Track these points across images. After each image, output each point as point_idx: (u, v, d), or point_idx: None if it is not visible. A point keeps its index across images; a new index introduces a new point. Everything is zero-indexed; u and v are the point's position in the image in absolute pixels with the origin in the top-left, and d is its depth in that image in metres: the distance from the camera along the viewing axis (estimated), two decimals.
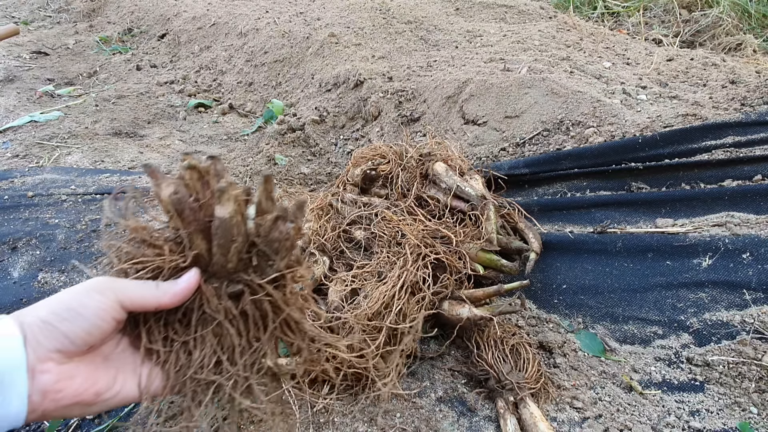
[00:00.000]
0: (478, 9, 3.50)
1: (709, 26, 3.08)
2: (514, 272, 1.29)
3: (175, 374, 0.56)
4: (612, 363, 1.16)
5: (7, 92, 2.96)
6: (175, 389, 0.57)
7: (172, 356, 0.57)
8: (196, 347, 0.57)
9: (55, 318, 0.51)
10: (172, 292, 0.55)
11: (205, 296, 0.57)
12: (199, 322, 0.57)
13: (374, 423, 1.01)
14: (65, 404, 0.51)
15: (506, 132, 1.79)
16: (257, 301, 0.59)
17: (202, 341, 0.57)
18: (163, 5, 4.18)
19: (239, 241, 0.57)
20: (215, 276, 0.58)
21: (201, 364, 0.56)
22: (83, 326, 0.51)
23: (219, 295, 0.58)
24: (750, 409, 1.02)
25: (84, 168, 2.09)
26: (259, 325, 0.60)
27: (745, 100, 1.63)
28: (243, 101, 2.92)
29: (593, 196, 1.51)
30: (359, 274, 1.19)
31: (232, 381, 0.57)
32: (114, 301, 0.53)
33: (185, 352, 0.57)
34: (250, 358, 0.59)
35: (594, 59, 2.35)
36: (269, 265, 0.59)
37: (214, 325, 0.57)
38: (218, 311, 0.57)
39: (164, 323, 0.57)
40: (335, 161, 2.22)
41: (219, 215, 0.55)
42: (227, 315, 0.58)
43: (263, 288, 0.59)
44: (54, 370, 0.50)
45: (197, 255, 0.57)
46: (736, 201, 1.34)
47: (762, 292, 1.16)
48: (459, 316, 1.13)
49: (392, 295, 1.09)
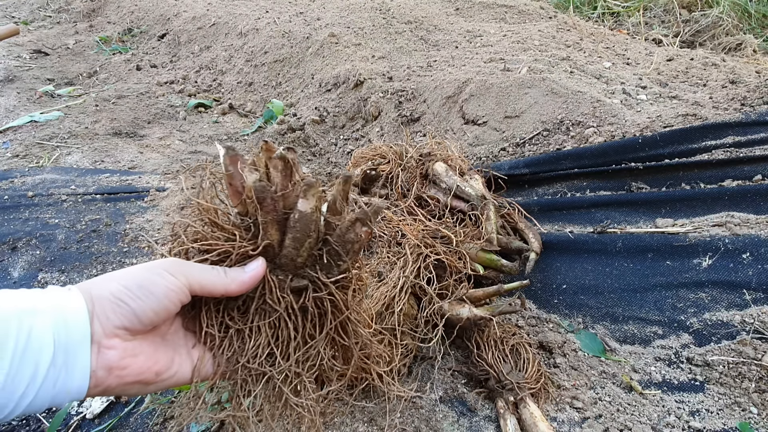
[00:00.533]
0: (478, 9, 3.50)
1: (709, 26, 3.08)
2: (514, 272, 1.29)
3: (227, 361, 0.56)
4: (612, 363, 1.16)
5: (7, 92, 2.96)
6: (226, 375, 0.57)
7: (226, 342, 0.56)
8: (251, 336, 0.56)
9: (127, 294, 0.50)
10: (240, 280, 0.55)
11: (268, 287, 0.57)
12: (257, 311, 0.57)
13: (374, 423, 1.01)
14: (128, 381, 0.51)
15: (506, 132, 1.79)
16: (319, 299, 0.59)
17: (257, 331, 0.57)
18: (163, 5, 4.18)
19: (314, 236, 0.57)
20: (281, 268, 0.58)
21: (254, 354, 0.56)
22: (153, 305, 0.51)
23: (282, 287, 0.57)
24: (750, 409, 1.02)
25: (84, 168, 2.09)
26: (316, 323, 0.60)
27: (745, 100, 1.63)
28: (243, 101, 2.92)
29: (593, 196, 1.51)
30: None
31: (284, 375, 0.57)
32: (184, 284, 0.52)
33: (240, 340, 0.56)
34: (303, 355, 0.59)
35: (594, 59, 2.35)
36: (338, 264, 0.59)
37: (273, 318, 0.57)
38: (279, 303, 0.57)
39: (222, 309, 0.57)
40: (335, 161, 2.22)
41: (301, 209, 0.55)
42: (288, 308, 0.57)
43: (327, 286, 0.59)
44: (120, 346, 0.50)
45: (268, 245, 0.56)
46: (736, 201, 1.34)
47: (762, 292, 1.16)
48: (459, 316, 1.13)
49: (392, 296, 1.09)
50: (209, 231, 0.57)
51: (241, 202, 0.57)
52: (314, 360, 0.60)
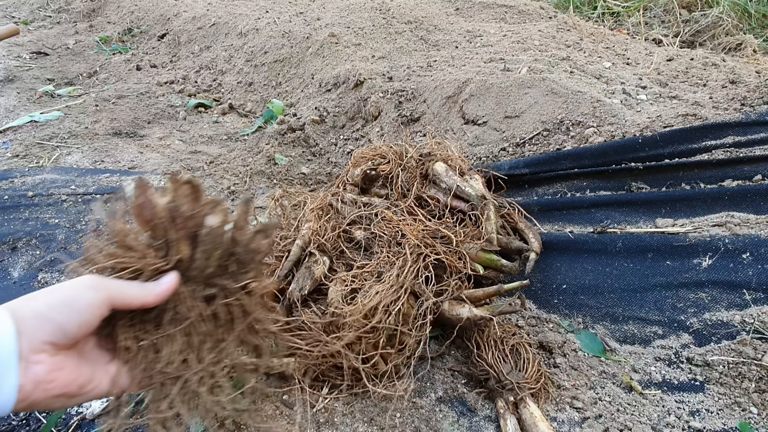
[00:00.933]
0: (478, 9, 3.50)
1: (709, 26, 3.08)
2: (514, 272, 1.29)
3: (144, 369, 0.61)
4: (612, 363, 1.16)
5: (7, 92, 2.96)
6: (143, 384, 0.61)
7: (141, 353, 0.61)
8: (165, 345, 0.62)
9: (51, 311, 0.53)
10: (155, 291, 0.60)
11: (181, 297, 0.62)
12: (171, 321, 0.62)
13: (374, 423, 1.01)
14: (54, 394, 0.53)
15: (506, 132, 1.79)
16: (228, 304, 0.66)
17: (171, 339, 0.62)
18: (163, 5, 4.18)
19: (222, 248, 0.64)
20: (192, 280, 0.64)
21: (169, 360, 0.61)
22: (76, 320, 0.54)
23: (194, 296, 0.64)
24: (750, 409, 1.02)
25: (84, 168, 2.09)
26: (227, 327, 0.66)
27: (745, 100, 1.63)
28: (243, 101, 2.92)
29: (593, 196, 1.51)
30: (359, 274, 1.19)
31: (198, 377, 0.62)
32: (105, 298, 0.56)
33: (155, 349, 0.62)
34: (217, 356, 0.65)
35: (594, 59, 2.35)
36: (243, 272, 0.66)
37: (186, 324, 0.62)
38: (191, 311, 0.63)
39: (134, 323, 0.62)
40: (335, 161, 2.22)
41: (210, 223, 0.63)
42: (200, 315, 0.63)
43: (235, 292, 0.66)
44: (47, 361, 0.52)
45: (179, 260, 0.63)
46: (736, 201, 1.34)
47: (762, 292, 1.16)
48: (459, 316, 1.13)
49: (389, 294, 1.08)
50: (122, 252, 0.62)
51: (152, 226, 0.63)
52: (227, 360, 0.67)
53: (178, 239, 0.63)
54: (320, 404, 1.04)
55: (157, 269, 0.62)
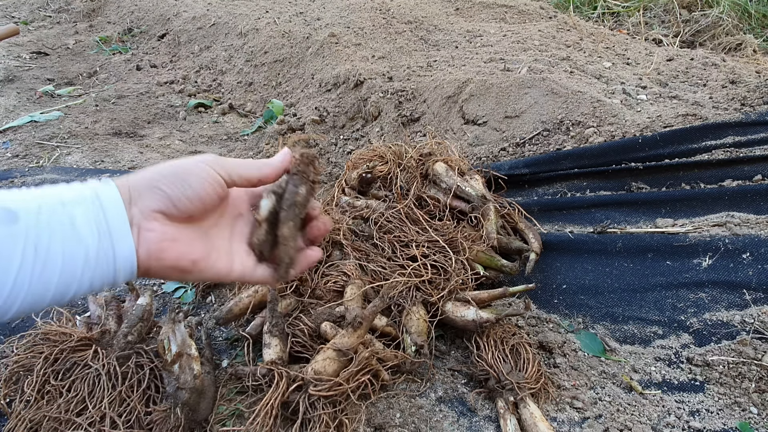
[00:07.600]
0: (478, 9, 3.50)
1: (709, 26, 3.08)
2: (514, 272, 1.29)
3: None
4: (612, 363, 1.16)
5: (7, 92, 2.96)
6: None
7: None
8: (63, 395, 0.88)
9: (160, 181, 0.53)
10: (273, 164, 0.61)
11: (99, 356, 0.99)
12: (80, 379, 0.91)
13: (374, 423, 1.01)
14: (167, 265, 0.53)
15: (506, 132, 1.79)
16: (140, 364, 1.02)
17: (75, 390, 0.91)
18: (163, 5, 4.17)
19: (145, 322, 1.08)
20: (111, 347, 1.02)
21: (66, 408, 0.85)
22: (187, 193, 0.54)
23: (109, 358, 0.99)
24: (750, 409, 1.02)
25: (84, 168, 2.09)
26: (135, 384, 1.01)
27: (745, 100, 1.63)
28: (243, 101, 2.92)
29: (593, 196, 1.51)
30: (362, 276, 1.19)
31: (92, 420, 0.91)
32: (221, 174, 0.56)
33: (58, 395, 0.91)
34: (119, 406, 0.95)
35: (594, 59, 2.35)
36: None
37: (94, 377, 0.95)
38: (103, 368, 0.94)
39: (44, 377, 0.91)
40: (335, 161, 2.22)
41: (140, 302, 1.09)
42: (109, 372, 0.97)
43: (149, 354, 1.04)
44: (158, 229, 0.52)
45: (105, 330, 1.07)
46: (736, 201, 1.34)
47: (762, 292, 1.16)
48: (464, 318, 1.12)
49: (391, 296, 1.09)
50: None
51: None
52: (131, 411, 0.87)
53: (109, 316, 1.08)
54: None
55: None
